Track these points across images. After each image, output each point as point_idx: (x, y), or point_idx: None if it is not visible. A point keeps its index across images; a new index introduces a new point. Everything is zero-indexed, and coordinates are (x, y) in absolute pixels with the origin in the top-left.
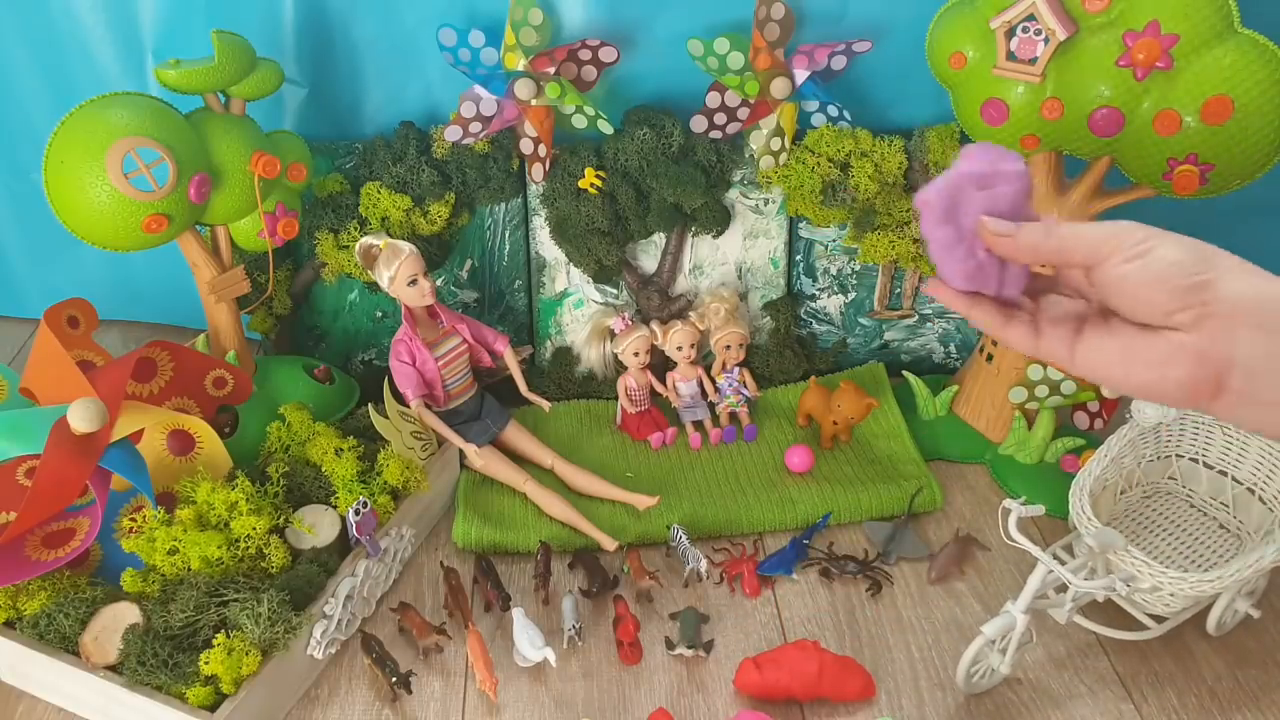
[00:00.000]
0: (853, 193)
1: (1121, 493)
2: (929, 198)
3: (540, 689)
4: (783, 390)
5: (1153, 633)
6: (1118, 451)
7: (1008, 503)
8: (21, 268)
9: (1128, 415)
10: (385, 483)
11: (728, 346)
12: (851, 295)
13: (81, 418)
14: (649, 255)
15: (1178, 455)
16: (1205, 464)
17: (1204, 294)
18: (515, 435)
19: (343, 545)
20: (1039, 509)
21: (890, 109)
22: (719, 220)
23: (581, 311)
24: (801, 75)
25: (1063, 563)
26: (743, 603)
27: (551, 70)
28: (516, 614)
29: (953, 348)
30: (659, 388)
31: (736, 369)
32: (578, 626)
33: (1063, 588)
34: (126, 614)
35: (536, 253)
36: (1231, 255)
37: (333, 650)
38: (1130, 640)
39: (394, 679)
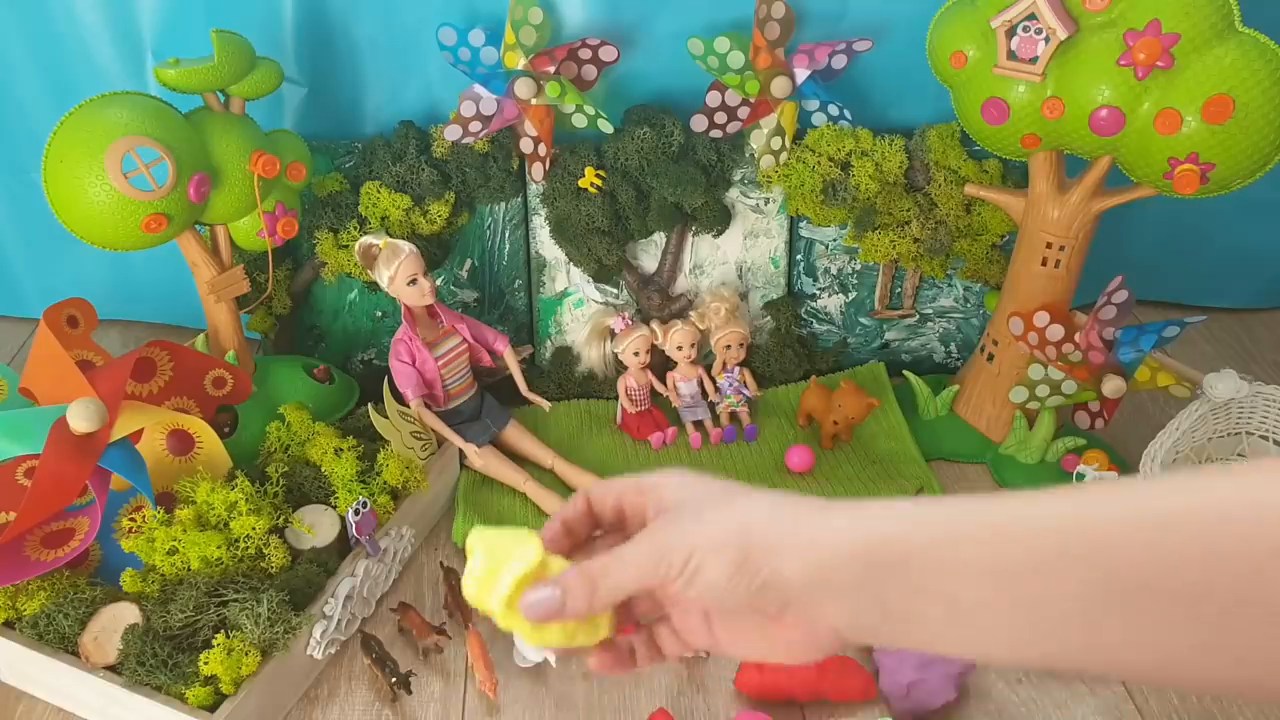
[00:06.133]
0: (853, 192)
1: None
2: None
3: (540, 689)
4: (783, 390)
5: None
6: (1189, 425)
7: None
8: (21, 268)
9: (1198, 391)
10: (385, 483)
11: (728, 346)
12: (852, 295)
13: (81, 418)
14: (649, 255)
15: (1247, 432)
16: (1275, 441)
17: (770, 594)
18: (515, 435)
19: (342, 545)
20: None
21: (891, 108)
22: (719, 219)
23: (581, 311)
24: (802, 74)
25: None
26: None
27: (551, 69)
28: None
29: (953, 347)
30: (659, 387)
31: (737, 369)
32: None
33: None
34: (126, 614)
35: (536, 252)
36: (774, 520)
37: (332, 650)
38: None
39: (394, 679)
